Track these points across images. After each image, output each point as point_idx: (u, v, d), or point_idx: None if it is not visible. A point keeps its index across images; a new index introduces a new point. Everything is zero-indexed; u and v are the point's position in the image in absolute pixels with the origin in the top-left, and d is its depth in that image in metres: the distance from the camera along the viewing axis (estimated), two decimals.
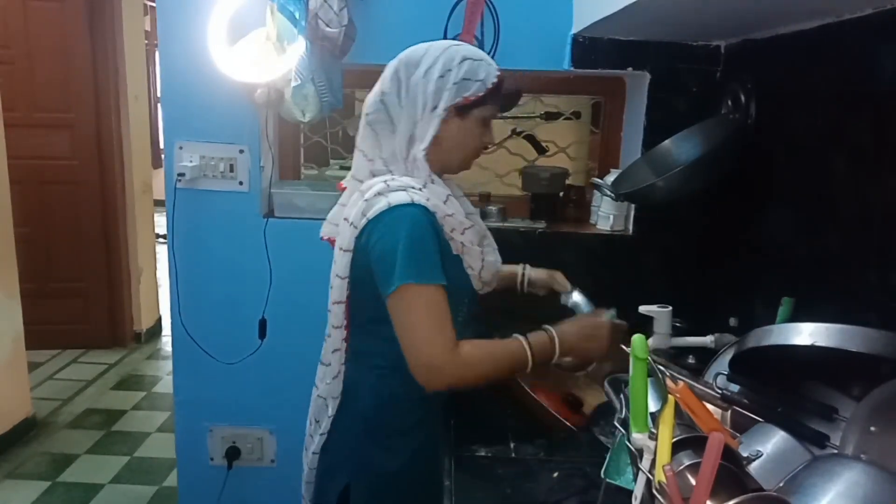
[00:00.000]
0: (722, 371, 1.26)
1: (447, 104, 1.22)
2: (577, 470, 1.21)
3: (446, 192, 1.26)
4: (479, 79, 1.23)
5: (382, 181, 1.22)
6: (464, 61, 1.23)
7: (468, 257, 1.29)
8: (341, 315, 1.30)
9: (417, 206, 1.18)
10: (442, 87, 1.22)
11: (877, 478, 0.86)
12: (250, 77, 1.76)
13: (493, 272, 1.36)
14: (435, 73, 1.22)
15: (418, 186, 1.22)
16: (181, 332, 2.03)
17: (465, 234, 1.27)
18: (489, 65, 1.26)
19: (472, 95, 1.23)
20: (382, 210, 1.18)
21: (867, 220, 1.21)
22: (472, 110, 1.25)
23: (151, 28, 5.64)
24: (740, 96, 1.68)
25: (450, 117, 1.24)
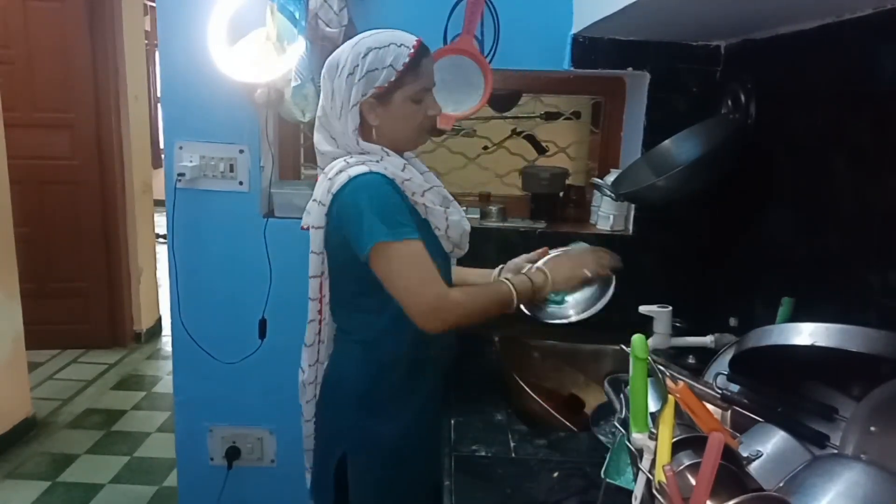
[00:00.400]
0: (722, 371, 1.26)
1: (357, 100, 1.27)
2: (577, 470, 1.21)
3: (402, 161, 1.32)
4: (387, 65, 1.26)
5: (342, 161, 1.30)
6: (368, 53, 1.26)
7: (432, 218, 1.34)
8: (316, 288, 1.39)
9: (376, 173, 1.25)
10: (351, 85, 1.27)
11: (877, 478, 0.86)
12: (250, 77, 1.76)
13: (459, 232, 1.39)
14: (345, 72, 1.27)
15: (375, 159, 1.29)
16: (181, 331, 2.03)
17: (425, 195, 1.32)
18: (398, 46, 1.27)
19: (382, 83, 1.27)
20: (344, 183, 1.25)
21: (867, 220, 1.21)
22: (391, 95, 1.29)
23: (151, 28, 5.64)
24: (740, 96, 1.68)
25: (372, 108, 1.29)
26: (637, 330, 1.02)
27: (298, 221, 1.97)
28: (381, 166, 1.27)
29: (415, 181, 1.31)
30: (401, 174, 1.29)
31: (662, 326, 1.65)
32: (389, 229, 1.21)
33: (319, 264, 1.37)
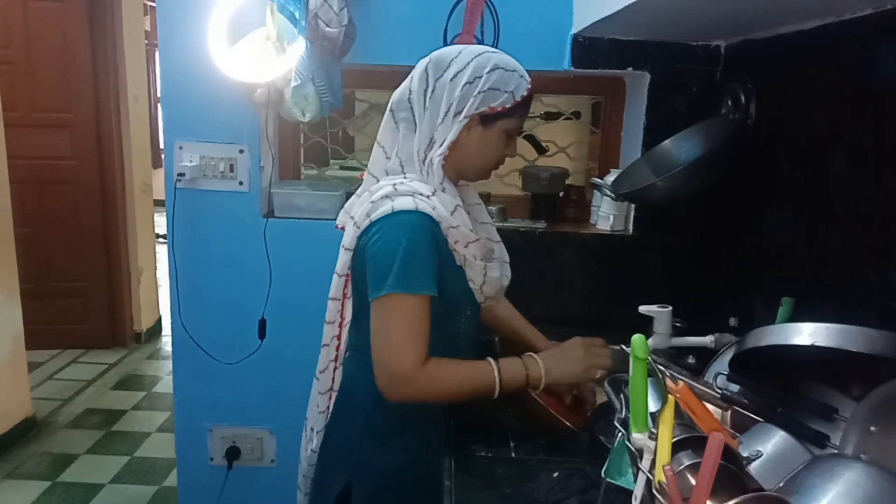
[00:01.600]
0: (722, 371, 1.26)
1: (470, 111, 1.19)
2: (577, 470, 1.21)
3: (455, 202, 1.23)
4: (508, 90, 1.20)
5: (391, 184, 1.20)
6: (494, 70, 1.19)
7: (470, 271, 1.27)
8: (335, 311, 1.31)
9: (421, 213, 1.16)
10: (468, 94, 1.19)
11: (877, 478, 0.86)
12: (250, 77, 1.76)
13: (496, 287, 1.33)
14: (463, 78, 1.18)
15: (427, 193, 1.19)
16: (181, 332, 2.03)
17: (468, 247, 1.24)
18: (521, 77, 1.23)
19: (498, 106, 1.20)
20: (386, 213, 1.16)
21: (867, 220, 1.21)
22: (496, 121, 1.22)
23: (151, 28, 5.64)
24: (740, 96, 1.68)
25: (473, 125, 1.21)
26: (637, 330, 1.02)
27: (298, 221, 2.00)
28: (429, 204, 1.17)
29: (461, 230, 1.22)
30: (449, 218, 1.19)
31: (662, 326, 1.65)
32: (408, 281, 1.13)
33: (342, 287, 1.28)
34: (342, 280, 1.28)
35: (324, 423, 1.39)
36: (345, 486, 1.32)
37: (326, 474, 1.39)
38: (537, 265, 2.03)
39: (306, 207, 2.01)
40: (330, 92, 1.77)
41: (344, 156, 2.70)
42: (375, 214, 1.18)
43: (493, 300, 1.38)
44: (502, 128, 1.24)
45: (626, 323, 1.53)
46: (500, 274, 1.34)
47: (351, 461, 1.32)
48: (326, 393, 1.37)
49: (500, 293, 1.38)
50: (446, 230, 1.20)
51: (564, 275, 2.03)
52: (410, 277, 1.13)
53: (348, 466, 1.32)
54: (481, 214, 1.38)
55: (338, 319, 1.31)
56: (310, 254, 2.00)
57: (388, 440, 1.30)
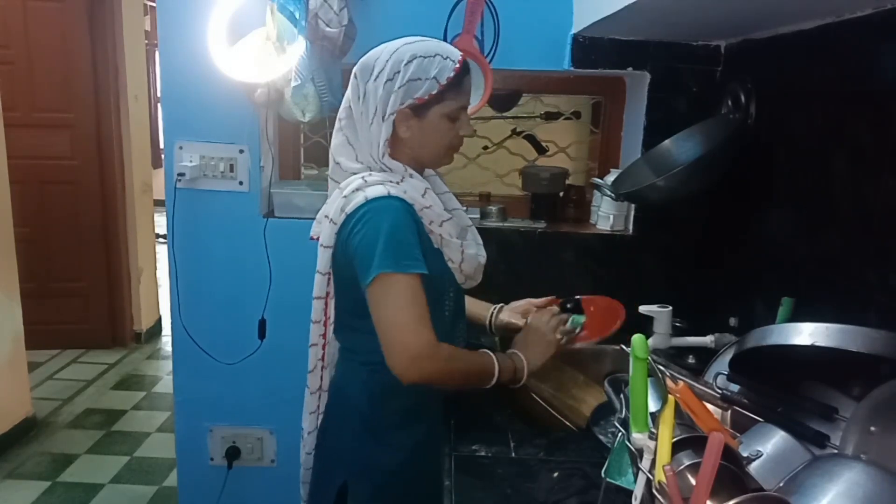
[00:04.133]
0: (722, 371, 1.26)
1: (394, 108, 1.20)
2: (577, 470, 1.21)
3: (424, 185, 1.25)
4: (430, 77, 1.19)
5: (360, 177, 1.23)
6: (412, 60, 1.18)
7: (448, 250, 1.29)
8: (320, 310, 1.32)
9: (394, 197, 1.18)
10: (390, 91, 1.19)
11: (877, 478, 0.86)
12: (250, 77, 1.76)
13: (474, 265, 1.35)
14: (384, 77, 1.19)
15: (395, 181, 1.22)
16: (181, 332, 2.03)
17: (443, 225, 1.26)
18: (444, 59, 1.20)
19: (423, 94, 1.19)
20: (360, 204, 1.18)
21: (867, 220, 1.21)
22: (428, 109, 1.22)
23: (151, 28, 5.64)
24: (740, 96, 1.68)
25: (406, 119, 1.22)
26: (637, 330, 1.02)
27: (298, 221, 2.00)
28: (400, 189, 1.20)
29: (434, 209, 1.24)
30: (421, 200, 1.22)
31: (662, 326, 1.65)
32: (396, 260, 1.14)
33: (325, 285, 1.30)
34: (325, 278, 1.29)
35: (315, 424, 1.40)
36: (342, 484, 1.32)
37: (324, 473, 1.39)
38: (537, 265, 2.03)
39: (306, 207, 2.01)
40: (330, 92, 1.77)
41: None
42: (350, 207, 1.19)
43: (473, 280, 1.39)
44: (438, 113, 1.22)
45: (626, 323, 1.53)
46: (476, 251, 1.36)
47: (347, 460, 1.32)
48: (316, 393, 1.38)
49: (478, 272, 1.39)
50: (420, 211, 1.23)
51: (564, 275, 2.03)
52: (399, 257, 1.14)
53: (344, 465, 1.33)
54: (451, 201, 1.40)
55: (322, 318, 1.33)
56: (310, 254, 1.97)
57: (383, 438, 1.30)
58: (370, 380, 1.29)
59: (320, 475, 1.40)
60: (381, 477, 1.30)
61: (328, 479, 1.36)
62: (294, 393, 1.53)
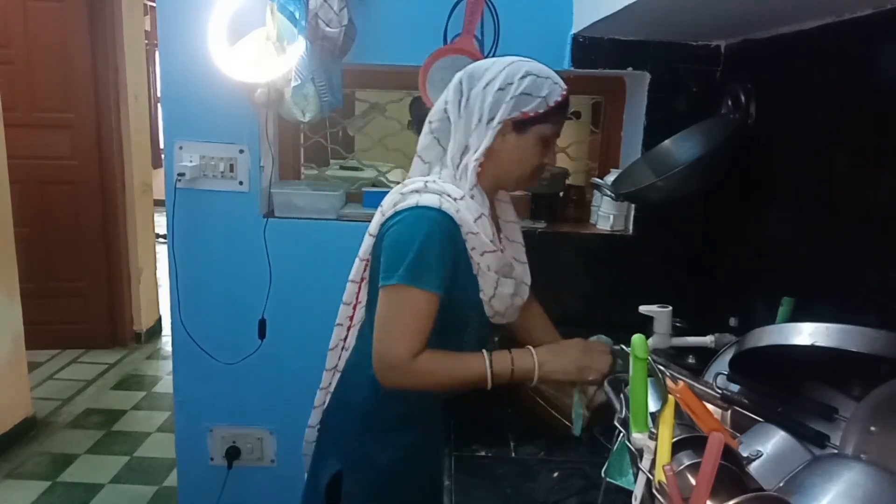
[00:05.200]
0: (722, 371, 1.26)
1: (503, 117, 1.21)
2: (577, 470, 1.21)
3: (482, 210, 1.25)
4: (541, 95, 1.21)
5: (423, 181, 1.24)
6: (526, 76, 1.21)
7: (482, 281, 1.28)
8: (353, 293, 1.36)
9: (444, 212, 1.19)
10: (500, 100, 1.21)
11: (877, 478, 0.86)
12: (250, 77, 1.76)
13: (506, 305, 1.34)
14: (495, 85, 1.21)
15: (455, 196, 1.22)
16: (181, 332, 2.03)
17: (484, 256, 1.25)
18: (554, 83, 1.24)
19: (531, 111, 1.22)
20: (410, 206, 1.21)
21: (867, 220, 1.21)
22: (530, 127, 1.23)
23: (151, 28, 5.64)
24: (740, 96, 1.68)
25: (506, 131, 1.23)
26: (637, 330, 1.02)
27: (298, 221, 2.00)
28: (454, 207, 1.20)
29: (481, 237, 1.24)
30: (470, 224, 1.22)
31: (662, 326, 1.65)
32: (417, 276, 1.16)
33: (361, 270, 1.33)
34: (362, 264, 1.33)
35: (323, 399, 1.45)
36: (336, 472, 1.35)
37: (320, 461, 1.43)
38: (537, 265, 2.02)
39: (306, 207, 2.01)
40: (330, 92, 1.77)
41: (344, 156, 2.70)
42: (401, 205, 1.22)
43: (503, 318, 1.37)
44: (537, 133, 1.24)
45: (626, 323, 1.53)
46: (513, 292, 1.34)
47: (345, 451, 1.36)
48: (331, 370, 1.43)
49: (511, 312, 1.37)
50: (465, 234, 1.23)
51: (564, 275, 2.03)
52: (421, 273, 1.17)
53: (341, 455, 1.36)
54: (513, 233, 1.41)
55: (353, 301, 1.37)
56: (310, 254, 2.00)
57: (383, 435, 1.33)
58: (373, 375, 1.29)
59: (317, 462, 1.44)
60: (375, 473, 1.33)
61: (324, 465, 1.40)
62: (294, 393, 1.54)
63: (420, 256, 1.16)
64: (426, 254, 1.17)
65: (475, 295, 1.28)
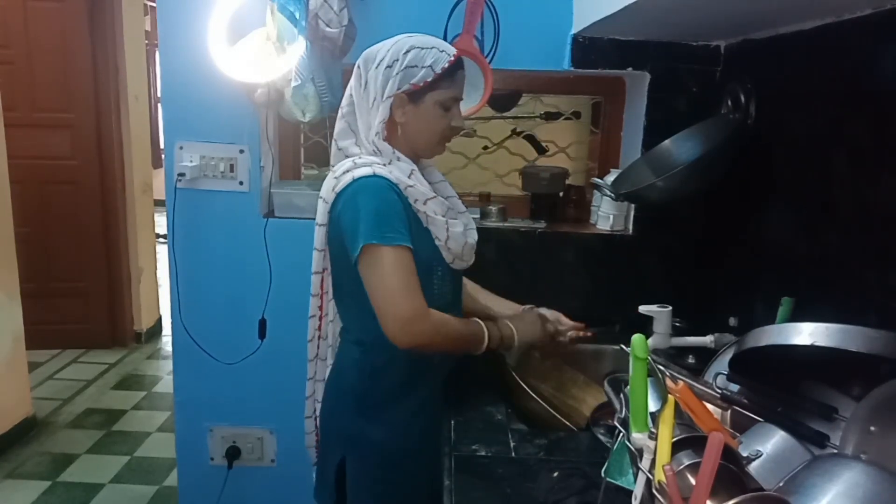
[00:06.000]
0: (722, 371, 1.26)
1: (392, 91, 1.28)
2: (577, 470, 1.21)
3: (411, 167, 1.32)
4: (426, 65, 1.28)
5: (351, 161, 1.31)
6: (410, 51, 1.28)
7: (433, 227, 1.34)
8: (318, 284, 1.43)
9: (378, 176, 1.26)
10: (389, 76, 1.28)
11: (877, 478, 0.86)
12: (250, 77, 1.76)
13: (461, 243, 1.38)
14: (384, 64, 1.29)
15: (383, 163, 1.30)
16: (181, 332, 2.03)
17: (427, 203, 1.32)
18: (440, 51, 1.30)
19: (419, 81, 1.29)
20: (347, 183, 1.27)
21: (867, 219, 1.21)
22: (423, 95, 1.30)
23: (151, 28, 5.64)
24: (740, 96, 1.68)
25: (403, 104, 1.30)
26: (637, 330, 1.02)
27: (298, 221, 2.00)
28: (386, 170, 1.28)
29: (418, 188, 1.31)
30: (405, 180, 1.30)
31: (662, 326, 1.65)
32: (381, 233, 1.21)
33: (321, 260, 1.40)
34: (321, 254, 1.40)
35: (312, 389, 1.52)
36: (340, 460, 1.39)
37: (325, 451, 1.47)
38: (537, 265, 2.03)
39: (306, 207, 2.00)
40: (330, 92, 1.77)
41: None
42: (339, 186, 1.29)
43: (462, 261, 1.41)
44: (432, 100, 1.31)
45: (626, 323, 1.53)
46: (463, 230, 1.39)
47: (344, 436, 1.40)
48: (313, 360, 1.50)
49: (467, 252, 1.41)
50: (405, 189, 1.29)
51: (564, 275, 2.03)
52: (382, 229, 1.22)
53: (342, 442, 1.40)
54: (447, 189, 1.46)
55: (319, 292, 1.44)
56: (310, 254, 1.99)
57: (374, 414, 1.37)
58: (362, 359, 1.37)
59: (323, 453, 1.49)
60: (373, 452, 1.37)
61: (329, 455, 1.44)
62: (294, 393, 1.54)
63: (374, 216, 1.22)
64: (378, 212, 1.23)
65: (431, 243, 1.34)
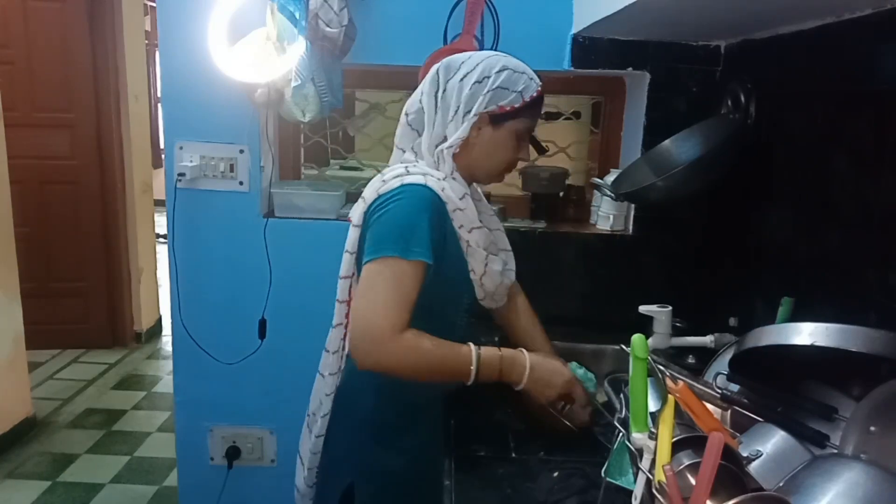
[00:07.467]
0: (722, 371, 1.26)
1: (479, 110, 1.21)
2: (577, 470, 1.21)
3: (465, 190, 1.25)
4: (517, 90, 1.22)
5: (404, 166, 1.22)
6: (503, 71, 1.21)
7: (472, 259, 1.27)
8: (346, 290, 1.29)
9: (429, 188, 1.18)
10: (477, 93, 1.21)
11: (877, 478, 0.86)
12: (250, 77, 1.76)
13: (496, 283, 1.32)
14: (472, 78, 1.21)
15: (438, 176, 1.21)
16: (181, 332, 2.03)
17: (472, 232, 1.25)
18: (530, 79, 1.24)
19: (506, 105, 1.22)
20: (395, 188, 1.18)
21: (867, 220, 1.21)
22: (505, 121, 1.23)
23: (151, 28, 5.64)
24: (740, 96, 1.68)
25: (482, 124, 1.23)
26: (637, 330, 1.02)
27: (299, 222, 2.00)
28: (440, 185, 1.19)
29: (468, 214, 1.23)
30: (456, 201, 1.21)
31: (662, 326, 1.65)
32: (405, 246, 1.12)
33: (351, 264, 1.27)
34: (352, 257, 1.27)
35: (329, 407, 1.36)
36: (347, 486, 1.32)
37: (329, 475, 1.39)
38: (537, 265, 2.03)
39: (306, 207, 2.01)
40: (330, 92, 1.77)
41: (344, 156, 2.70)
42: (384, 189, 1.19)
43: (493, 301, 1.36)
44: (512, 128, 1.25)
45: (626, 323, 1.53)
46: (501, 269, 1.34)
47: (353, 462, 1.32)
48: (336, 374, 1.36)
49: (500, 293, 1.37)
50: (452, 211, 1.22)
51: (564, 275, 2.03)
52: (408, 243, 1.12)
53: (350, 467, 1.33)
54: (493, 222, 1.39)
55: (347, 298, 1.29)
56: (310, 254, 2.00)
57: (389, 441, 1.30)
58: (374, 381, 1.27)
59: (325, 475, 1.40)
60: (386, 479, 1.30)
61: (333, 480, 1.36)
62: (294, 393, 1.53)
63: (408, 226, 1.13)
64: (414, 224, 1.14)
65: (465, 275, 1.28)
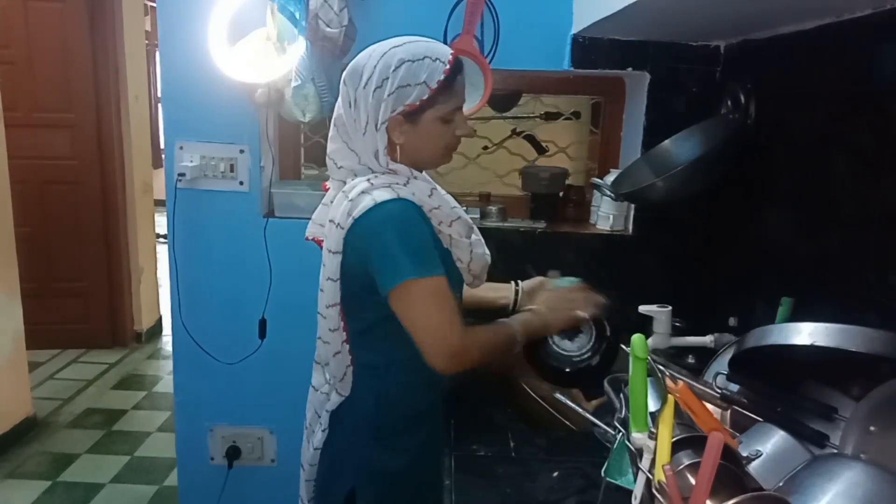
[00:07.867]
0: (722, 371, 1.26)
1: (387, 116, 1.17)
2: (577, 470, 1.21)
3: (430, 185, 1.24)
4: (420, 82, 1.15)
5: (366, 180, 1.19)
6: (400, 66, 1.14)
7: (457, 250, 1.29)
8: (337, 317, 1.27)
9: (403, 200, 1.17)
10: (380, 100, 1.16)
11: (876, 478, 0.86)
12: (250, 77, 1.76)
13: (482, 265, 1.35)
14: (373, 84, 1.15)
15: (401, 182, 1.20)
16: (181, 331, 2.03)
17: (452, 225, 1.26)
18: (433, 61, 1.16)
19: (414, 101, 1.16)
20: (368, 208, 1.15)
21: (867, 220, 1.21)
22: (421, 114, 1.18)
23: (151, 28, 5.64)
24: (740, 96, 1.68)
25: (398, 126, 1.18)
26: (637, 330, 1.02)
27: (299, 221, 1.98)
28: (408, 191, 1.18)
29: (443, 210, 1.23)
30: (428, 201, 1.21)
31: (662, 326, 1.65)
32: (417, 266, 1.13)
33: (337, 291, 1.25)
34: (336, 285, 1.24)
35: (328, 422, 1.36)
36: (350, 489, 1.32)
37: (331, 479, 1.38)
38: (537, 265, 2.03)
39: (306, 207, 2.00)
40: (330, 92, 1.77)
41: None
42: (357, 211, 1.16)
43: (479, 281, 1.39)
44: (432, 117, 1.19)
45: (626, 323, 1.53)
46: (483, 250, 1.36)
47: (355, 464, 1.32)
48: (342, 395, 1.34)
49: (484, 272, 1.38)
50: (429, 212, 1.22)
51: (564, 275, 2.02)
52: (420, 262, 1.15)
53: (352, 470, 1.32)
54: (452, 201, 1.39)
55: (340, 325, 1.28)
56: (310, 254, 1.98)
57: (390, 442, 1.30)
58: (377, 385, 1.29)
59: (327, 478, 1.40)
60: (388, 480, 1.30)
61: (335, 483, 1.36)
62: (294, 393, 1.53)
63: (408, 248, 1.14)
64: (412, 243, 1.15)
65: (452, 266, 1.28)
